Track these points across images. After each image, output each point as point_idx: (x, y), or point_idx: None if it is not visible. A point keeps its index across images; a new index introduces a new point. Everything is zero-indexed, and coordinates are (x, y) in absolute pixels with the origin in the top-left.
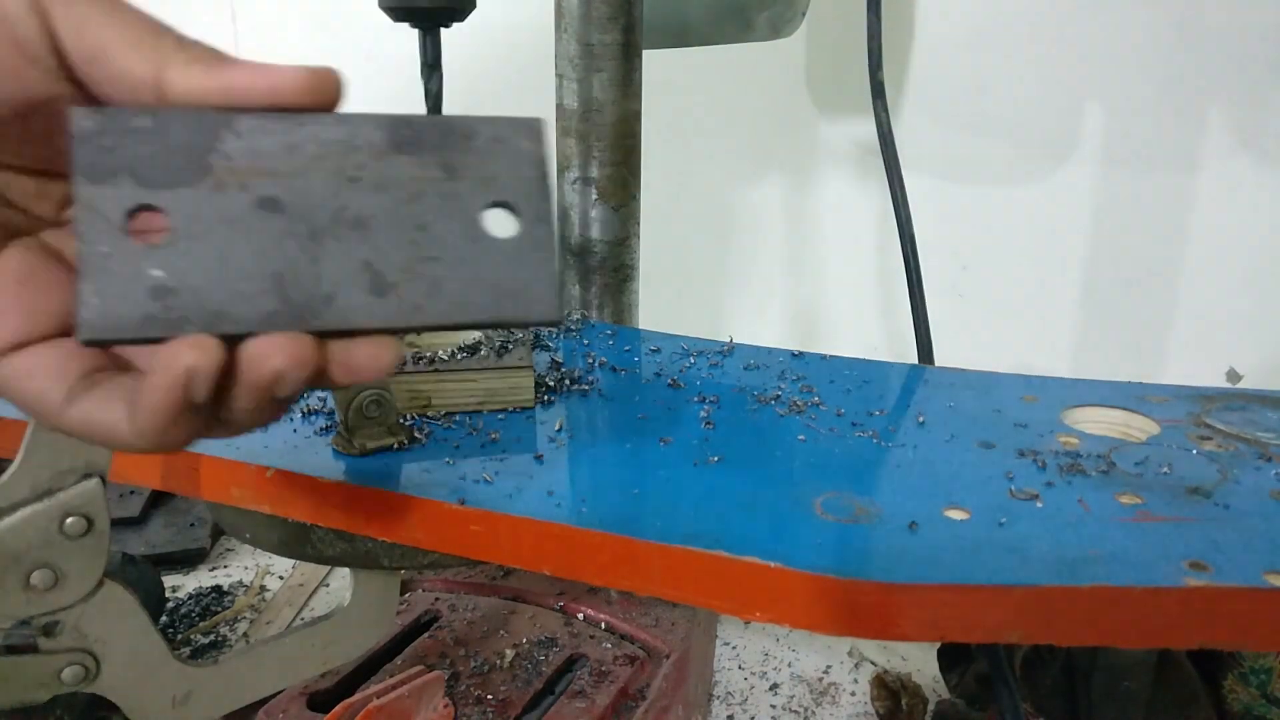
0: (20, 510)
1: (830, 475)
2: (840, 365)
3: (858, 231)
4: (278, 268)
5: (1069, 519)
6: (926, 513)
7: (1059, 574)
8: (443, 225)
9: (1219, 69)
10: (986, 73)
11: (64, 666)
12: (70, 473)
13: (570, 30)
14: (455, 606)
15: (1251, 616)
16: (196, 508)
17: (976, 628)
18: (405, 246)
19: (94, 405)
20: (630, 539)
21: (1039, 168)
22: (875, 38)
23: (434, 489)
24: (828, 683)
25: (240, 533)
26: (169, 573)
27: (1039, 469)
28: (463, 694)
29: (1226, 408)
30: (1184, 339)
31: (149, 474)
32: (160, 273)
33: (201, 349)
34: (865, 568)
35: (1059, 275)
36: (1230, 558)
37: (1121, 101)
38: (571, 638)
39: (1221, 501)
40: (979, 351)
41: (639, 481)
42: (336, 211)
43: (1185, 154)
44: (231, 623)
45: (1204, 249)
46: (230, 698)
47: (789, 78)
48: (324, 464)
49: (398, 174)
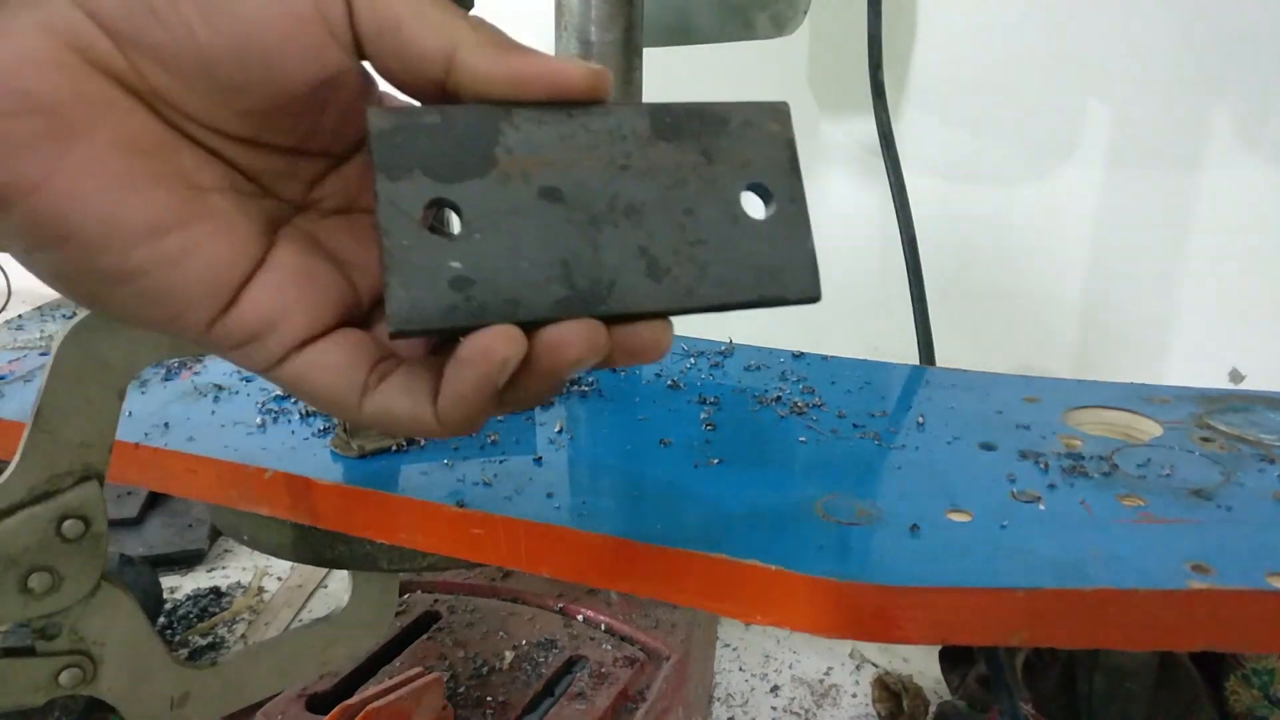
0: (18, 513)
1: (831, 477)
2: (841, 366)
3: (858, 231)
4: (564, 255)
5: (1071, 521)
6: (928, 515)
7: (1061, 576)
8: (706, 209)
9: (1223, 68)
10: (988, 71)
11: (62, 669)
12: (68, 475)
13: (570, 28)
14: (454, 608)
15: (1253, 618)
16: (194, 509)
17: (978, 630)
18: (675, 231)
19: (391, 395)
20: (630, 541)
21: (1041, 167)
22: (876, 36)
23: (433, 491)
24: (829, 685)
25: (238, 534)
26: (167, 574)
27: (1041, 471)
28: (462, 696)
29: (1229, 409)
30: (1186, 339)
31: (147, 475)
32: (458, 264)
33: (512, 340)
34: (866, 570)
35: (1061, 275)
36: (1232, 560)
37: (1124, 100)
38: (571, 639)
39: (1224, 503)
40: (980, 352)
41: (639, 483)
42: (611, 199)
43: (1188, 153)
44: (230, 624)
45: (1207, 249)
46: (228, 699)
47: (790, 76)
48: (322, 465)
49: (662, 161)
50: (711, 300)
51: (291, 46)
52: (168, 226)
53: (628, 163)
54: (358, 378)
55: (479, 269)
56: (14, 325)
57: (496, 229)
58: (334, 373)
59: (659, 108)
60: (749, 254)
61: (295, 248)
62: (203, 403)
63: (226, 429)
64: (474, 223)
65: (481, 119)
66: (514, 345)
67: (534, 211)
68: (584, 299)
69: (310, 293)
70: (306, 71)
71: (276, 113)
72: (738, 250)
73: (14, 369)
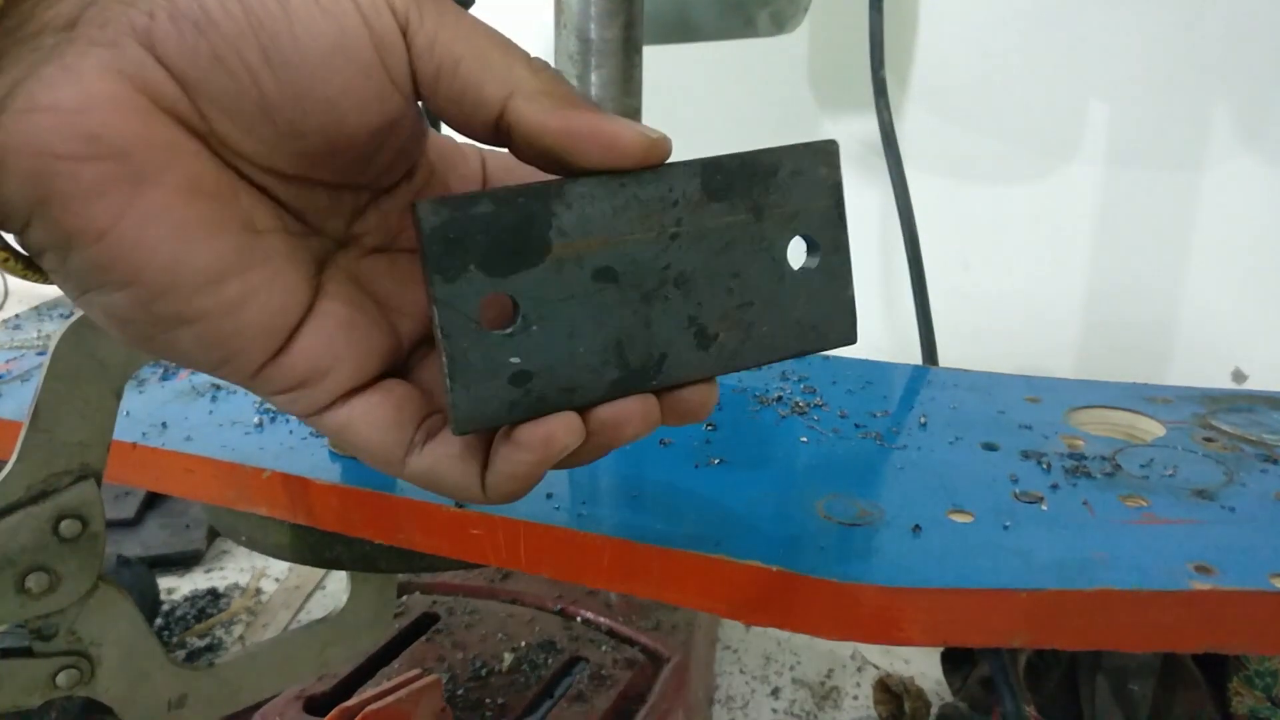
0: (15, 512)
1: (833, 477)
2: (843, 366)
3: (860, 230)
4: (617, 336)
5: (1073, 521)
6: (930, 515)
7: (1063, 577)
8: (753, 269)
9: (1225, 67)
10: (990, 70)
11: (59, 670)
12: (65, 474)
13: (570, 26)
14: (453, 609)
15: (1257, 619)
16: (192, 509)
17: (980, 631)
18: (723, 296)
19: (438, 459)
20: (631, 542)
21: (1043, 166)
22: (878, 34)
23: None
24: (830, 687)
25: (236, 535)
26: (164, 575)
27: (1043, 471)
28: (461, 698)
29: (1232, 409)
30: (1189, 339)
31: (144, 475)
32: (516, 359)
33: (573, 431)
34: (868, 571)
35: (1063, 274)
36: (1236, 560)
37: (1126, 99)
38: (571, 641)
39: (1227, 504)
40: (982, 352)
41: (639, 484)
42: (662, 272)
43: (1190, 152)
44: (227, 625)
45: (1209, 248)
46: (226, 701)
47: (791, 75)
48: (320, 465)
49: (713, 224)
50: (755, 360)
51: (353, 94)
52: (228, 272)
53: (678, 230)
54: (404, 434)
55: (537, 361)
56: (11, 325)
57: (553, 318)
58: (381, 428)
59: (710, 165)
60: (791, 309)
61: (343, 293)
62: (200, 402)
63: (224, 428)
64: (530, 314)
65: (533, 201)
66: (575, 435)
67: (589, 296)
68: (637, 376)
69: (358, 341)
70: (367, 118)
71: (333, 155)
72: (781, 307)
73: (11, 369)
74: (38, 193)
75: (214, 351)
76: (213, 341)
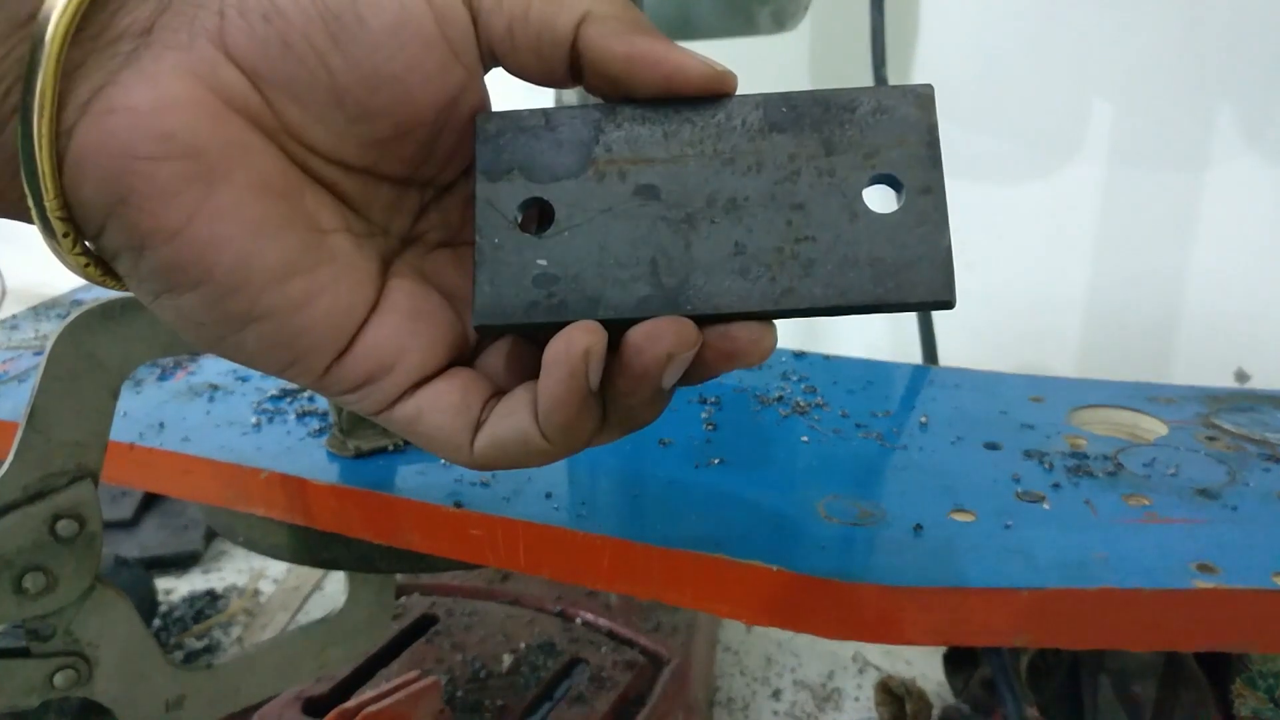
0: (11, 512)
1: (833, 477)
2: (843, 365)
3: None
4: (651, 254)
5: (1076, 521)
6: (932, 515)
7: (1066, 576)
8: (820, 204)
9: (1227, 66)
10: (992, 69)
11: (56, 671)
12: (62, 474)
13: None
14: (452, 611)
15: (1260, 619)
16: (190, 510)
17: (982, 631)
18: (779, 227)
19: (497, 425)
20: (631, 542)
21: (1045, 165)
22: (879, 33)
23: (430, 491)
24: (831, 688)
25: (234, 536)
26: (162, 576)
27: (1045, 470)
28: (460, 699)
29: (1235, 408)
30: (1191, 338)
31: (142, 476)
32: (544, 262)
33: (589, 331)
34: (870, 571)
35: (1065, 274)
36: (1239, 559)
37: (1129, 98)
38: (571, 643)
39: (1230, 503)
40: (984, 351)
41: (639, 484)
42: (710, 195)
43: (1193, 151)
44: (225, 626)
45: (1212, 247)
46: (224, 702)
47: (792, 73)
48: (318, 466)
49: (775, 154)
50: (815, 301)
51: (418, 69)
52: (295, 269)
53: (734, 156)
54: (470, 416)
55: (564, 267)
56: (9, 325)
57: (587, 228)
58: (449, 413)
59: (778, 97)
60: (867, 251)
61: (407, 286)
62: (198, 402)
63: (222, 429)
64: (564, 220)
65: (584, 119)
66: (592, 335)
67: (627, 210)
68: (669, 297)
69: (424, 333)
70: (433, 94)
71: (399, 139)
72: (854, 248)
73: (8, 368)
74: (116, 193)
75: (284, 350)
76: (281, 340)
